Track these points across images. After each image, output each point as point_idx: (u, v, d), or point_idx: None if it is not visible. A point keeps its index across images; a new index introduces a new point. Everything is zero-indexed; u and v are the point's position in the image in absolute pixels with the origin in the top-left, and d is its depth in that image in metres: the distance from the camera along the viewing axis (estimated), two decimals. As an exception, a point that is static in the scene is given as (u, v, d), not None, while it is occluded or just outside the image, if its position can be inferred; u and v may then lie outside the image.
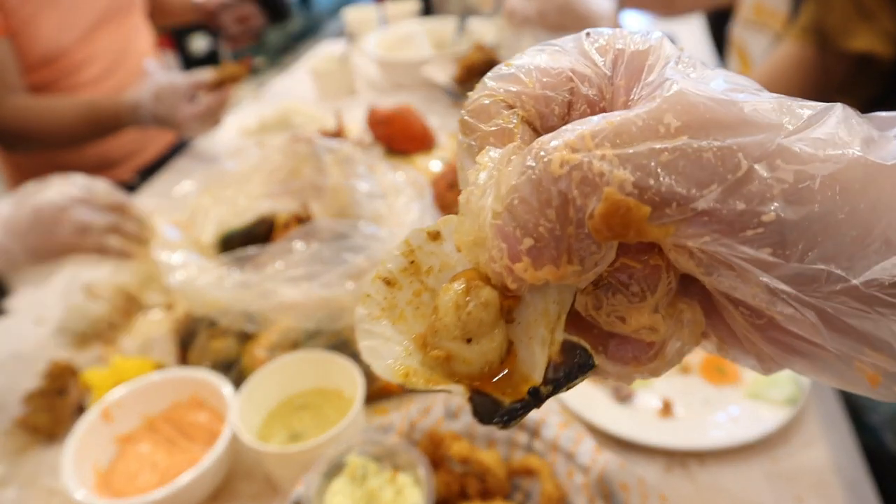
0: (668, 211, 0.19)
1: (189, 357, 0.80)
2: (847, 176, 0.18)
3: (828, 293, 0.19)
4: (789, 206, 0.18)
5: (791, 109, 0.19)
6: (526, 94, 0.23)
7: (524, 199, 0.20)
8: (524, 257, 0.20)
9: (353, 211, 0.89)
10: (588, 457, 0.57)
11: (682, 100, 0.19)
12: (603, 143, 0.19)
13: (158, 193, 1.38)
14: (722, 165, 0.18)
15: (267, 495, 0.67)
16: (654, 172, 0.19)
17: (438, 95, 1.66)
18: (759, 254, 0.19)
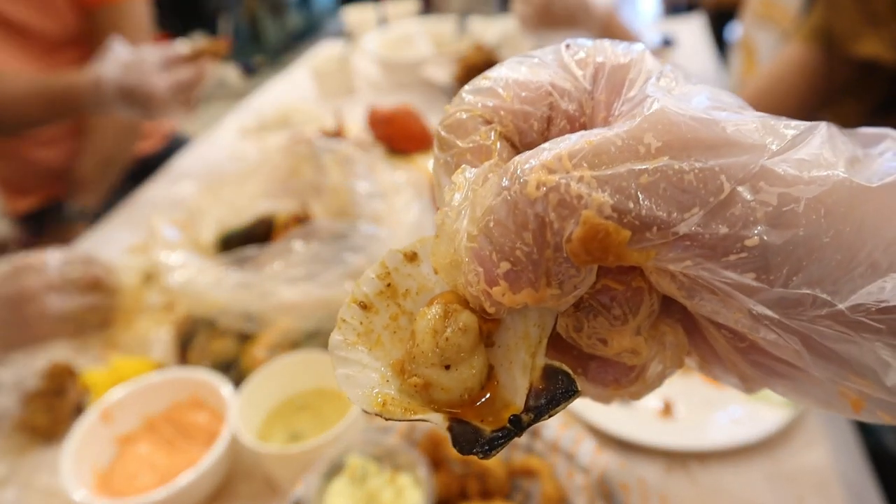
0: (648, 235, 0.18)
1: (189, 357, 0.79)
2: (832, 198, 0.18)
3: (812, 318, 0.18)
4: (773, 230, 0.18)
5: (775, 129, 0.19)
6: (504, 110, 0.22)
7: (500, 222, 0.19)
8: (501, 281, 0.19)
9: (353, 211, 0.89)
10: (588, 457, 0.57)
11: (663, 118, 0.18)
12: (581, 164, 0.18)
13: (158, 194, 1.38)
14: (704, 188, 0.18)
15: (266, 496, 0.67)
16: (633, 195, 0.18)
17: (438, 95, 1.66)
18: (743, 279, 0.18)
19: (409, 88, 1.76)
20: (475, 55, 1.53)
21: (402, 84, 1.78)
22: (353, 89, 1.80)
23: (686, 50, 1.79)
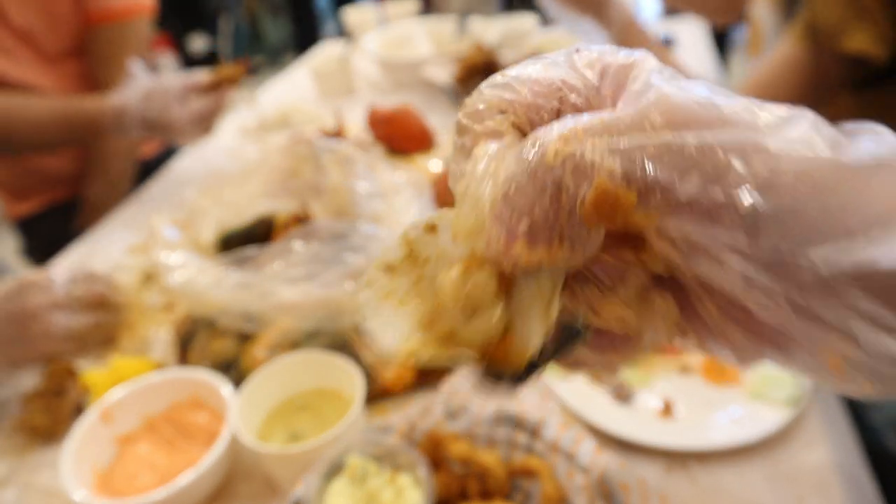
0: (652, 199, 0.20)
1: (188, 357, 0.79)
2: (819, 174, 0.20)
3: (799, 283, 0.20)
4: (764, 198, 0.20)
5: (768, 111, 0.21)
6: (518, 102, 0.24)
7: (520, 188, 0.21)
8: (520, 241, 0.22)
9: (353, 211, 0.89)
10: (588, 457, 0.57)
11: (667, 101, 0.21)
12: (594, 136, 0.21)
13: (158, 194, 1.38)
14: (702, 158, 0.20)
15: (267, 496, 0.67)
16: (640, 164, 0.20)
17: (438, 95, 1.66)
18: (736, 242, 0.20)
19: (410, 88, 1.76)
20: (475, 55, 1.54)
21: (402, 84, 1.78)
22: (353, 89, 1.80)
23: (686, 50, 1.79)
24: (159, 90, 1.15)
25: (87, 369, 0.81)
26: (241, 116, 1.64)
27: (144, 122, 1.16)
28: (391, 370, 0.74)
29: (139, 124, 1.16)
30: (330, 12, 5.17)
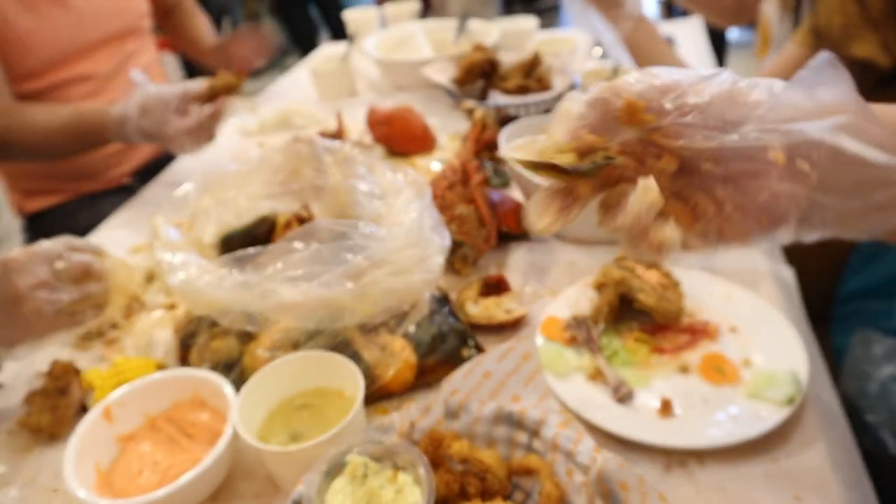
0: (653, 107, 0.41)
1: (190, 357, 0.80)
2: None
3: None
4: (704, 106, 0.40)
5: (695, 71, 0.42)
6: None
7: (588, 104, 0.42)
8: (588, 131, 0.42)
9: (353, 211, 0.89)
10: (588, 456, 0.58)
11: (652, 70, 0.42)
12: (622, 83, 0.42)
13: (159, 195, 1.39)
14: (666, 89, 0.41)
15: (268, 494, 0.67)
16: (647, 91, 0.40)
17: (438, 96, 1.67)
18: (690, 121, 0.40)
19: (410, 89, 1.76)
20: (475, 56, 1.54)
21: (403, 85, 1.78)
22: (353, 90, 1.81)
23: (685, 50, 1.79)
24: (156, 101, 1.16)
25: (90, 369, 0.81)
26: (242, 120, 1.65)
27: (142, 133, 1.18)
28: (391, 370, 0.75)
29: (138, 133, 1.19)
30: (322, 19, 5.18)
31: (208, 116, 1.19)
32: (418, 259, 0.72)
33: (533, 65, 1.55)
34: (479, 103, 1.43)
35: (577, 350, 0.78)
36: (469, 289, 0.88)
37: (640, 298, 0.77)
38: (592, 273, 0.84)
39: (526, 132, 1.18)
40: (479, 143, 1.28)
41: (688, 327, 0.78)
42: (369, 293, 0.69)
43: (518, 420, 0.63)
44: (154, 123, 1.16)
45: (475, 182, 1.02)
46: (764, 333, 0.76)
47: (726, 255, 0.95)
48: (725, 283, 0.85)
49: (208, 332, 0.80)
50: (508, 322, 0.84)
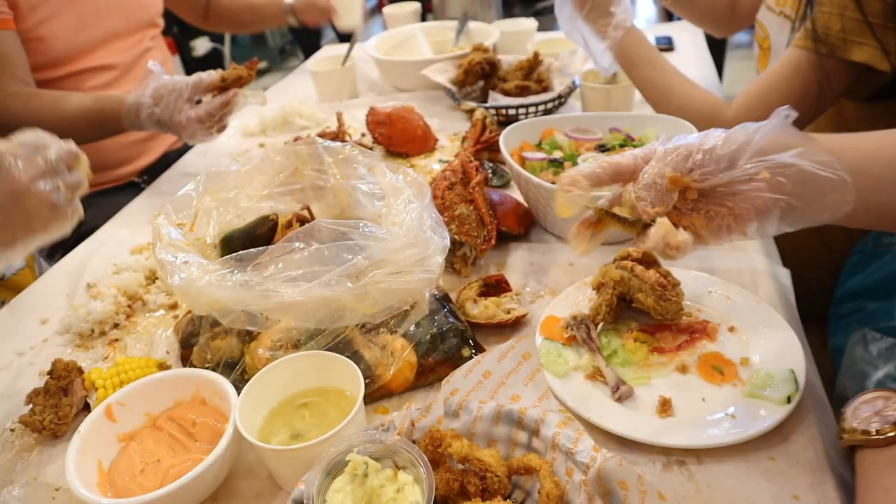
0: (690, 176, 0.59)
1: (192, 357, 0.80)
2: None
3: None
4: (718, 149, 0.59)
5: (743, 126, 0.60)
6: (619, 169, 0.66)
7: (643, 187, 0.62)
8: (648, 204, 0.61)
9: (354, 211, 0.90)
10: (587, 455, 0.58)
11: (668, 147, 0.62)
12: (661, 163, 0.61)
13: (162, 195, 1.39)
14: (687, 155, 0.60)
15: (269, 493, 0.67)
16: (681, 165, 0.60)
17: (439, 97, 1.67)
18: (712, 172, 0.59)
19: (410, 90, 1.76)
20: (476, 58, 1.54)
21: (403, 86, 1.78)
22: (354, 91, 1.81)
23: (684, 53, 1.80)
24: (170, 90, 1.21)
25: (92, 368, 0.82)
26: (249, 114, 1.65)
27: (155, 120, 1.23)
28: (391, 369, 0.75)
29: (151, 121, 1.24)
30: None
31: (219, 106, 1.23)
32: (418, 259, 0.72)
33: (533, 66, 1.56)
34: (479, 104, 1.44)
35: (577, 349, 0.78)
36: (469, 289, 0.88)
37: (639, 298, 0.77)
38: (592, 273, 0.84)
39: (526, 132, 1.18)
40: (479, 144, 1.29)
41: (687, 327, 0.79)
42: (369, 293, 0.70)
43: (518, 419, 0.63)
44: (167, 111, 1.21)
45: (475, 182, 1.03)
46: (762, 333, 0.77)
47: (726, 255, 0.95)
48: (724, 283, 0.85)
49: (209, 331, 0.80)
50: (508, 322, 0.84)
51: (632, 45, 1.20)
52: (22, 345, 0.96)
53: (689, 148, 0.59)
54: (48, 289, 1.09)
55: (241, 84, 1.26)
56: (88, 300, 0.99)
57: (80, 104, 1.28)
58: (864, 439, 0.57)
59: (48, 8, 1.34)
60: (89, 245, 1.20)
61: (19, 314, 1.03)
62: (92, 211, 1.50)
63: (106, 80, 1.47)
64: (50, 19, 1.35)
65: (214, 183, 0.90)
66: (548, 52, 1.61)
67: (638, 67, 1.20)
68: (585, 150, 1.15)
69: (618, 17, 1.19)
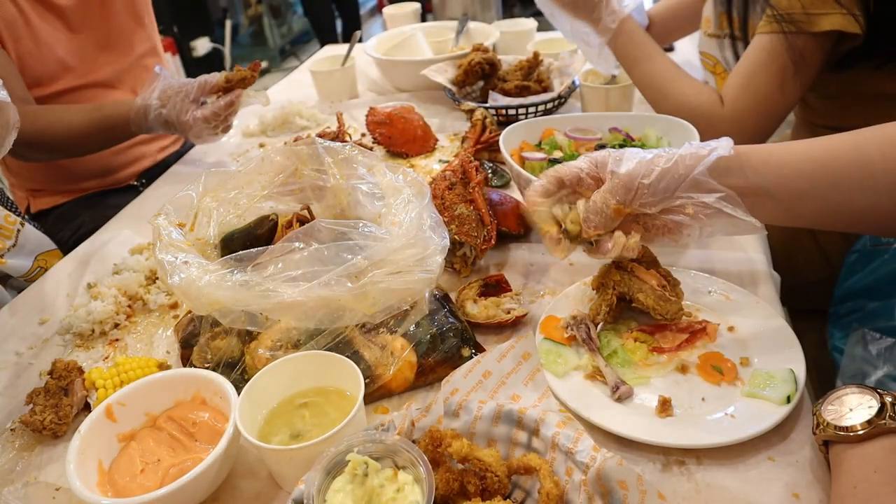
0: (630, 207, 0.73)
1: (192, 357, 0.80)
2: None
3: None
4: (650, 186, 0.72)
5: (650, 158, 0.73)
6: (567, 178, 0.77)
7: (590, 212, 0.74)
8: (593, 227, 0.74)
9: (354, 211, 0.90)
10: (587, 455, 0.58)
11: (617, 175, 0.73)
12: (607, 193, 0.73)
13: (162, 195, 1.39)
14: (629, 184, 0.72)
15: (269, 493, 0.68)
16: (623, 196, 0.72)
17: (439, 97, 1.67)
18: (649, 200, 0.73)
19: (410, 90, 1.77)
20: (475, 58, 1.54)
21: (403, 87, 1.78)
22: (354, 91, 1.81)
23: (683, 54, 1.80)
24: (176, 91, 1.27)
25: (92, 368, 0.82)
26: (249, 115, 1.66)
27: (163, 121, 1.29)
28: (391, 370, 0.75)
29: (159, 123, 1.29)
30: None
31: (224, 106, 1.28)
32: (418, 259, 0.72)
33: (532, 66, 1.56)
34: (479, 104, 1.44)
35: (577, 349, 0.78)
36: (469, 289, 0.88)
37: (639, 298, 0.77)
38: (591, 273, 0.85)
39: (526, 132, 1.18)
40: (479, 144, 1.29)
41: (687, 327, 0.79)
42: (369, 293, 0.70)
43: (518, 419, 0.63)
44: (174, 112, 1.27)
45: (475, 182, 1.03)
46: (762, 333, 0.77)
47: (726, 255, 0.95)
48: (724, 283, 0.85)
49: (210, 331, 0.80)
50: (508, 322, 0.84)
51: (628, 43, 1.20)
52: (22, 345, 0.96)
53: (634, 178, 0.71)
54: (48, 289, 1.09)
55: (244, 85, 1.31)
56: (89, 300, 0.99)
57: (88, 114, 1.32)
58: (837, 434, 0.57)
59: (33, 38, 1.35)
60: (89, 245, 1.21)
61: (19, 314, 1.03)
62: (92, 211, 1.51)
63: (94, 96, 1.48)
64: (36, 44, 1.35)
65: (214, 183, 0.90)
66: (548, 52, 1.61)
67: (636, 66, 1.21)
68: (585, 150, 1.15)
69: (607, 16, 1.20)
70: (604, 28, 1.22)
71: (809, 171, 0.67)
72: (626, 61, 1.23)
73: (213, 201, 0.88)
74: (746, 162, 0.69)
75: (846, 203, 0.67)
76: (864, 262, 0.99)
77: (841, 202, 0.67)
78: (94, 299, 0.99)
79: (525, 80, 1.53)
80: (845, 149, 0.67)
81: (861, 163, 0.66)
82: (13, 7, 1.30)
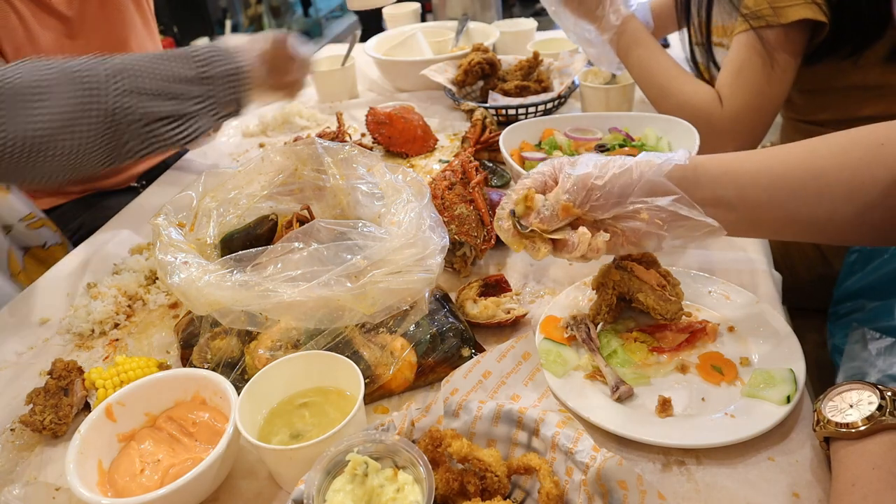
0: (579, 207, 0.72)
1: (192, 357, 0.80)
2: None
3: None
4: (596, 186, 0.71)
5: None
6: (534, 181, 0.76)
7: (546, 206, 0.73)
8: (539, 220, 0.73)
9: (353, 211, 0.90)
10: (587, 455, 0.58)
11: (571, 177, 0.72)
12: (561, 193, 0.72)
13: (162, 195, 1.39)
14: (584, 184, 0.71)
15: (269, 493, 0.68)
16: (574, 195, 0.71)
17: (439, 97, 1.67)
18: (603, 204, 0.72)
19: (410, 90, 1.76)
20: (475, 58, 1.54)
21: (403, 86, 1.78)
22: (354, 91, 1.81)
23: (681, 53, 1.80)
24: None
25: (92, 368, 0.82)
26: (249, 115, 1.65)
27: None
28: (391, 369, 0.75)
29: None
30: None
31: None
32: (417, 259, 0.72)
33: (532, 66, 1.56)
34: (479, 104, 1.44)
35: (577, 349, 0.78)
36: (469, 289, 0.88)
37: (639, 298, 0.77)
38: (591, 273, 0.85)
39: (526, 132, 1.18)
40: (479, 144, 1.29)
41: (686, 327, 0.79)
42: (368, 293, 0.70)
43: (517, 419, 0.63)
44: None
45: (475, 182, 1.03)
46: (762, 333, 0.77)
47: (725, 255, 0.95)
48: (724, 283, 0.85)
49: (209, 331, 0.80)
50: (508, 322, 0.84)
51: (630, 41, 1.20)
52: (22, 345, 0.96)
53: (587, 179, 0.70)
54: (48, 289, 1.09)
55: None
56: (89, 300, 0.99)
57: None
58: (837, 431, 0.57)
59: (33, 46, 1.35)
60: (89, 245, 1.21)
61: (19, 314, 1.03)
62: (92, 211, 1.51)
63: None
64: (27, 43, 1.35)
65: (214, 183, 0.90)
66: (547, 52, 1.61)
67: (638, 65, 1.21)
68: (585, 150, 1.15)
69: (611, 17, 1.20)
70: (607, 26, 1.22)
71: (767, 182, 0.68)
72: (629, 60, 1.23)
73: (212, 201, 0.88)
74: (704, 173, 0.69)
75: (805, 212, 0.68)
76: (864, 262, 0.99)
77: (800, 211, 0.68)
78: (94, 299, 0.99)
79: (525, 80, 1.53)
80: (799, 159, 0.68)
81: (815, 172, 0.67)
82: (12, 14, 1.29)
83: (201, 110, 1.01)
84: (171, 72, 0.99)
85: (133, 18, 1.51)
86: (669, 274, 0.81)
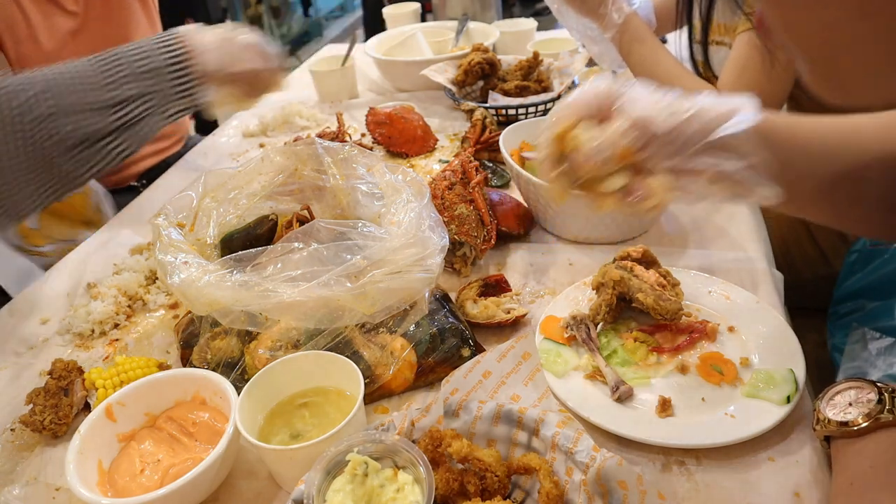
0: (642, 153, 0.59)
1: (192, 357, 0.80)
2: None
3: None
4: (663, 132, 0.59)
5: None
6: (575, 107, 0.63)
7: (598, 146, 0.60)
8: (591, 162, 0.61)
9: (353, 211, 0.90)
10: (586, 455, 0.58)
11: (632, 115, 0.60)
12: (619, 135, 0.59)
13: (162, 195, 1.39)
14: (644, 125, 0.59)
15: (269, 493, 0.68)
16: (632, 139, 0.59)
17: (439, 97, 1.67)
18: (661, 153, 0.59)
19: (410, 90, 1.76)
20: (475, 58, 1.54)
21: (403, 87, 1.78)
22: (354, 92, 1.81)
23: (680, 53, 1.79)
24: None
25: (92, 368, 0.82)
26: (249, 115, 1.65)
27: None
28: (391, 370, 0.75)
29: None
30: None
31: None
32: (417, 259, 0.72)
33: (532, 66, 1.56)
34: (479, 104, 1.44)
35: (577, 349, 0.78)
36: (469, 289, 0.88)
37: (638, 298, 0.77)
38: (591, 273, 0.85)
39: (526, 132, 1.18)
40: (479, 144, 1.29)
41: (686, 327, 0.79)
42: (368, 293, 0.70)
43: (517, 419, 0.63)
44: None
45: (475, 182, 1.03)
46: (762, 333, 0.77)
47: (725, 256, 0.95)
48: (724, 283, 0.85)
49: (209, 331, 0.80)
50: (508, 322, 0.84)
51: (632, 40, 1.20)
52: (22, 345, 0.96)
53: (647, 126, 0.58)
54: (48, 289, 1.09)
55: None
56: (88, 300, 0.99)
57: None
58: (837, 430, 0.57)
59: (37, 42, 1.34)
60: (89, 245, 1.21)
61: (19, 314, 1.03)
62: (92, 211, 1.50)
63: None
64: (38, 49, 1.35)
65: (214, 183, 0.90)
66: (547, 52, 1.61)
67: (640, 63, 1.21)
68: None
69: (613, 14, 1.20)
70: (609, 23, 1.22)
71: (836, 147, 0.60)
72: (631, 57, 1.23)
73: (212, 201, 0.88)
74: (790, 140, 0.59)
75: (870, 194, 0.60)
76: (864, 262, 0.99)
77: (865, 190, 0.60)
78: (94, 299, 0.99)
79: (525, 80, 1.53)
80: (870, 129, 0.60)
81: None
82: (15, 7, 1.29)
83: (147, 111, 0.89)
84: (105, 78, 0.86)
85: (138, 16, 1.51)
86: (669, 274, 0.81)
